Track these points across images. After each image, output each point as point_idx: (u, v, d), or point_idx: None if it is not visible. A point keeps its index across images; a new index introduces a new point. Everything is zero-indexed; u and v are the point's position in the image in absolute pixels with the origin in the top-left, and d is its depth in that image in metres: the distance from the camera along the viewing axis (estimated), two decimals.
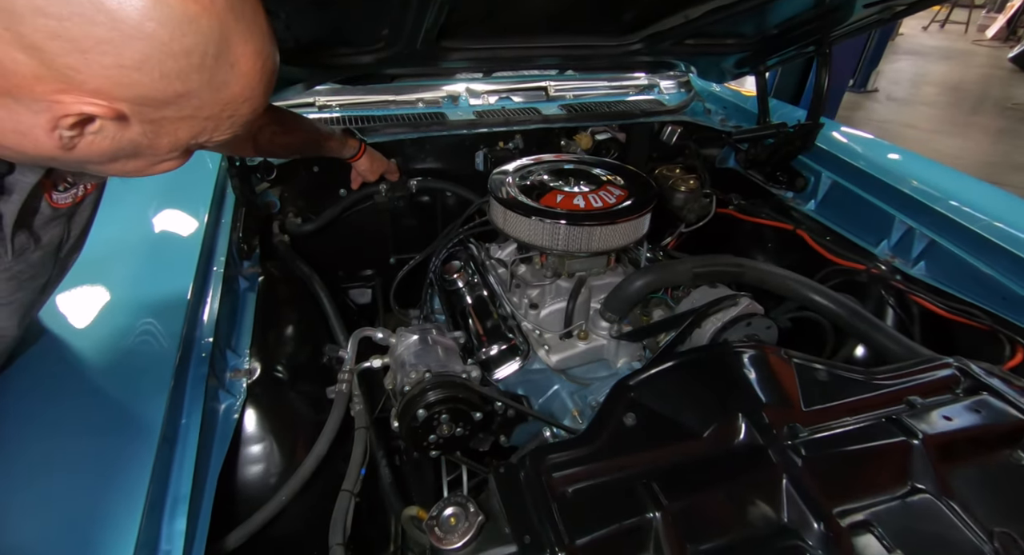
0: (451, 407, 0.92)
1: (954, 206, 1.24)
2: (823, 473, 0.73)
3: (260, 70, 0.52)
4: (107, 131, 0.49)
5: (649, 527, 0.67)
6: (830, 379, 0.88)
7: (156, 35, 0.44)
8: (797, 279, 1.13)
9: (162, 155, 0.56)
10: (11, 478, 0.61)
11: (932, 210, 1.26)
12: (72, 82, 0.45)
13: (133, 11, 0.43)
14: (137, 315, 0.83)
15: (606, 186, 1.28)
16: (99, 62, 0.44)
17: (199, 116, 0.51)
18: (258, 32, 0.51)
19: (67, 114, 0.46)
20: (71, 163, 0.56)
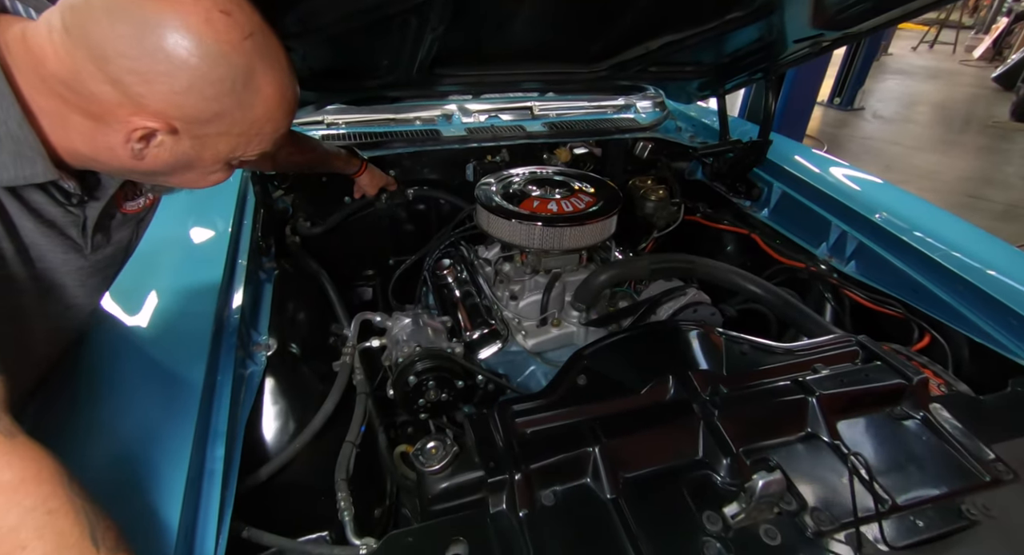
0: (437, 375, 1.10)
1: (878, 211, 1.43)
2: (735, 421, 0.91)
3: (280, 96, 0.67)
4: (166, 144, 0.66)
5: (589, 458, 0.84)
6: (752, 351, 1.06)
7: (198, 67, 0.59)
8: (738, 273, 1.31)
9: (209, 167, 0.73)
10: (97, 413, 0.79)
11: (860, 216, 1.45)
12: (141, 105, 0.60)
13: (183, 50, 0.58)
14: (180, 299, 1.01)
15: (577, 193, 1.47)
16: (159, 89, 0.60)
17: (232, 132, 0.67)
18: (278, 67, 0.66)
19: (136, 128, 0.62)
20: (144, 174, 0.73)
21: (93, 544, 0.54)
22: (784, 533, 0.78)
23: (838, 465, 0.88)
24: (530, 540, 0.75)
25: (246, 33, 0.62)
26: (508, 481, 0.79)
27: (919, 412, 0.97)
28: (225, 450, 0.82)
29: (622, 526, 0.78)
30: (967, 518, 0.80)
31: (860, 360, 1.06)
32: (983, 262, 1.24)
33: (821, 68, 3.45)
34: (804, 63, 1.52)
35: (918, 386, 0.98)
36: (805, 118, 3.54)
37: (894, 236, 1.35)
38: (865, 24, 1.25)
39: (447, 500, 0.82)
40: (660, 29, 1.34)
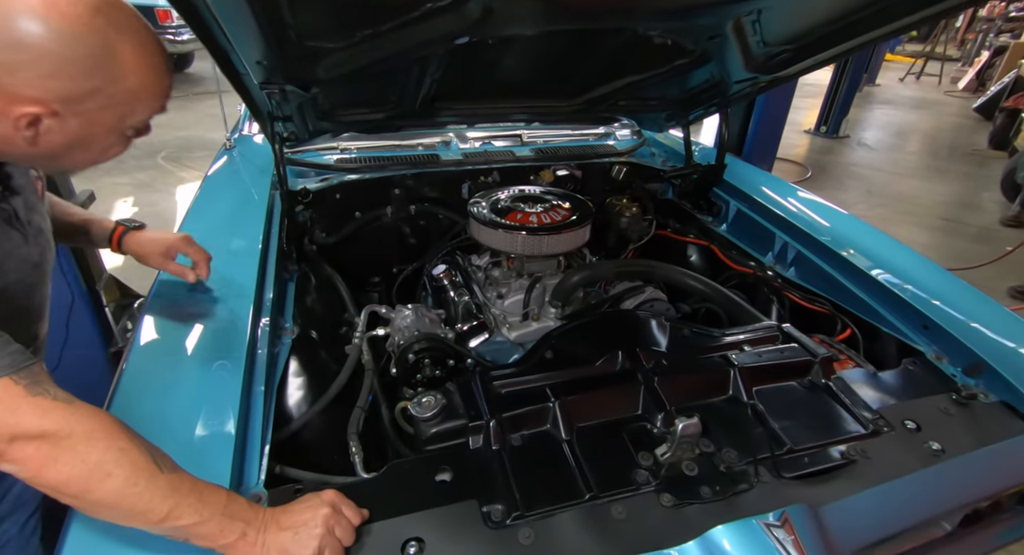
0: (432, 355, 1.33)
1: (814, 224, 1.68)
2: (670, 386, 1.13)
3: (146, 62, 0.69)
4: (54, 127, 0.67)
5: (549, 411, 1.06)
6: (692, 334, 1.29)
7: (57, 50, 0.63)
8: (690, 275, 1.54)
9: (103, 141, 0.74)
10: (163, 375, 1.02)
11: (798, 229, 1.69)
12: (15, 95, 0.63)
13: (37, 36, 0.62)
14: (225, 291, 1.25)
15: (555, 208, 1.71)
16: (27, 77, 0.63)
17: (113, 104, 0.69)
18: (136, 34, 0.69)
19: (19, 116, 0.65)
20: (47, 158, 0.74)
21: (157, 467, 0.69)
22: (701, 467, 0.99)
23: (750, 419, 1.10)
24: (500, 467, 0.96)
25: (94, 9, 0.65)
26: (485, 425, 1.01)
27: (822, 381, 1.19)
28: (264, 405, 1.04)
29: (573, 460, 0.99)
30: (847, 458, 1.02)
31: (779, 342, 1.28)
32: (893, 266, 1.48)
33: (786, 100, 3.75)
34: (752, 97, 1.79)
35: (822, 362, 1.20)
36: (774, 143, 3.83)
37: (824, 246, 1.59)
38: (791, 69, 1.51)
39: (436, 442, 1.04)
40: (623, 71, 1.61)
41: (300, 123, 1.53)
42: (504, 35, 1.16)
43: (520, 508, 0.90)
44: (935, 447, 1.04)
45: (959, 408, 1.14)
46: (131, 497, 0.66)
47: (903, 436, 1.07)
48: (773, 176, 2.07)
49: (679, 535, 0.86)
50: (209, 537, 0.71)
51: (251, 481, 0.91)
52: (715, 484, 0.96)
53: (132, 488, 0.66)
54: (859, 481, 0.98)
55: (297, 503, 0.80)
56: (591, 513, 0.91)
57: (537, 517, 0.89)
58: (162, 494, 0.67)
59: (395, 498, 0.91)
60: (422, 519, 0.88)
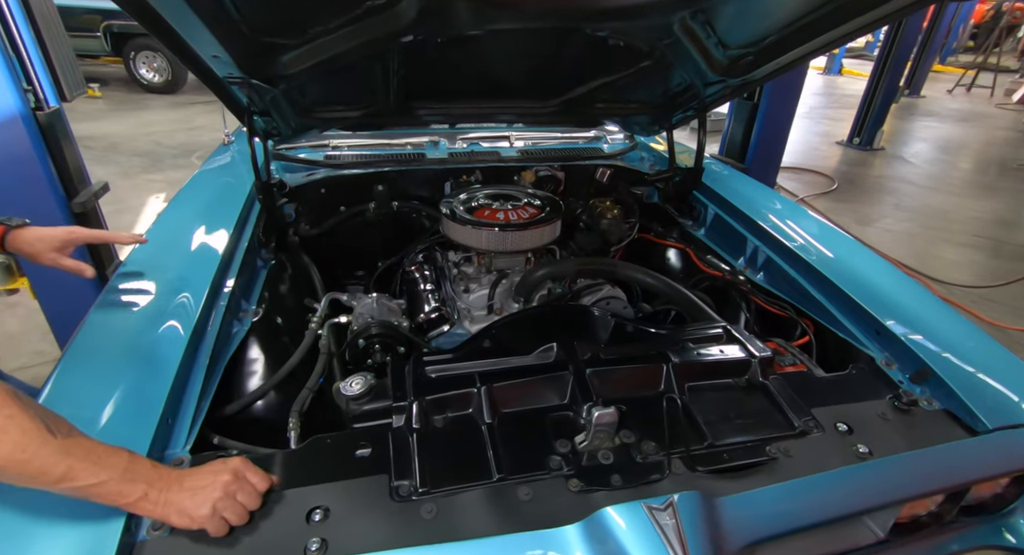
0: (382, 341, 1.38)
1: (783, 231, 1.66)
2: (602, 378, 1.14)
3: None
4: None
5: (473, 396, 1.09)
6: (635, 330, 1.29)
7: None
8: (652, 275, 1.55)
9: None
10: (109, 346, 1.10)
11: (768, 234, 1.67)
12: None
13: None
14: (185, 275, 1.33)
15: (525, 206, 1.75)
16: None
17: None
18: None
19: None
20: None
21: (49, 432, 0.70)
22: (617, 457, 1.00)
23: (677, 414, 1.10)
24: (416, 446, 1.00)
25: None
26: (408, 407, 1.05)
27: (759, 381, 1.17)
28: (205, 378, 1.11)
29: (490, 443, 1.02)
30: (768, 456, 1.01)
31: (723, 342, 1.27)
32: (856, 272, 1.45)
33: (790, 107, 3.66)
34: (726, 102, 1.78)
35: (762, 362, 1.19)
36: (778, 151, 3.74)
37: (792, 251, 1.57)
38: (758, 72, 1.51)
39: (363, 420, 1.08)
40: (592, 73, 1.64)
41: (280, 118, 1.61)
42: (451, 34, 1.20)
43: (427, 485, 0.93)
44: (862, 450, 1.02)
45: (898, 414, 1.11)
46: (20, 462, 0.68)
47: (831, 437, 1.05)
48: (754, 181, 2.05)
49: (573, 516, 0.87)
50: (109, 497, 0.76)
51: (178, 446, 0.97)
52: (627, 474, 0.97)
53: (20, 454, 0.68)
54: (771, 477, 0.97)
55: (202, 467, 0.86)
56: (497, 493, 0.93)
57: (443, 494, 0.92)
58: (55, 459, 0.70)
59: (312, 469, 0.96)
60: (332, 489, 0.92)
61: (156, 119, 7.22)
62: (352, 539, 0.85)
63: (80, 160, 2.35)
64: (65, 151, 2.20)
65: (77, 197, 2.24)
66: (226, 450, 1.02)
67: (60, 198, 2.17)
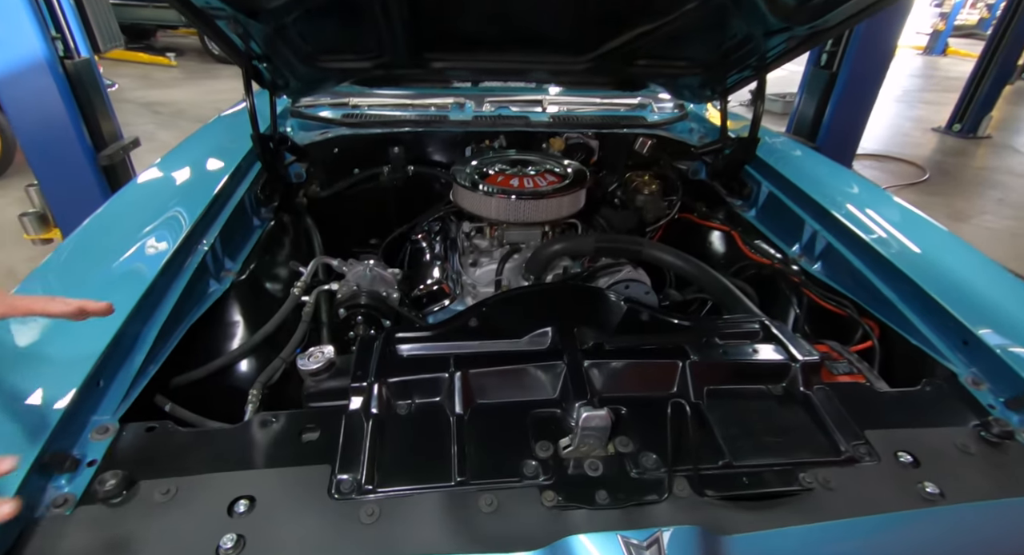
0: (366, 313, 1.24)
1: (852, 214, 1.38)
2: (602, 373, 0.96)
3: None
4: None
5: (445, 381, 0.93)
6: (651, 319, 1.09)
7: None
8: (684, 258, 1.32)
9: None
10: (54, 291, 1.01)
11: (832, 217, 1.39)
12: None
13: None
14: (157, 228, 1.23)
15: (544, 174, 1.55)
16: None
17: None
18: None
19: None
20: None
21: None
22: (607, 468, 0.82)
23: (689, 422, 0.89)
24: (370, 435, 0.85)
25: None
26: (367, 388, 0.90)
27: (800, 391, 0.95)
28: (158, 337, 1.00)
29: (456, 439, 0.86)
30: (802, 485, 0.79)
31: (759, 340, 1.05)
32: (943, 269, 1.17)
33: (875, 82, 3.17)
34: (790, 59, 1.50)
35: (805, 368, 0.96)
36: (856, 133, 3.27)
37: (859, 239, 1.30)
38: (831, 16, 1.23)
39: (318, 400, 0.95)
40: (630, 20, 1.41)
41: (284, 67, 1.49)
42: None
43: (374, 482, 0.78)
44: (930, 490, 0.78)
45: (984, 447, 0.85)
46: None
47: (889, 469, 0.82)
48: (819, 156, 1.75)
49: (539, 538, 0.70)
50: None
51: (108, 411, 0.87)
52: (618, 490, 0.79)
53: None
54: (803, 514, 0.76)
55: None
56: (454, 500, 0.77)
57: (389, 495, 0.77)
58: None
59: (248, 451, 0.83)
60: (263, 478, 0.79)
61: (223, 88, 7.47)
62: (273, 540, 0.71)
63: (112, 114, 2.34)
64: (95, 102, 2.19)
65: (105, 150, 2.23)
66: (182, 421, 0.91)
67: (88, 150, 2.17)
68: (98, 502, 0.75)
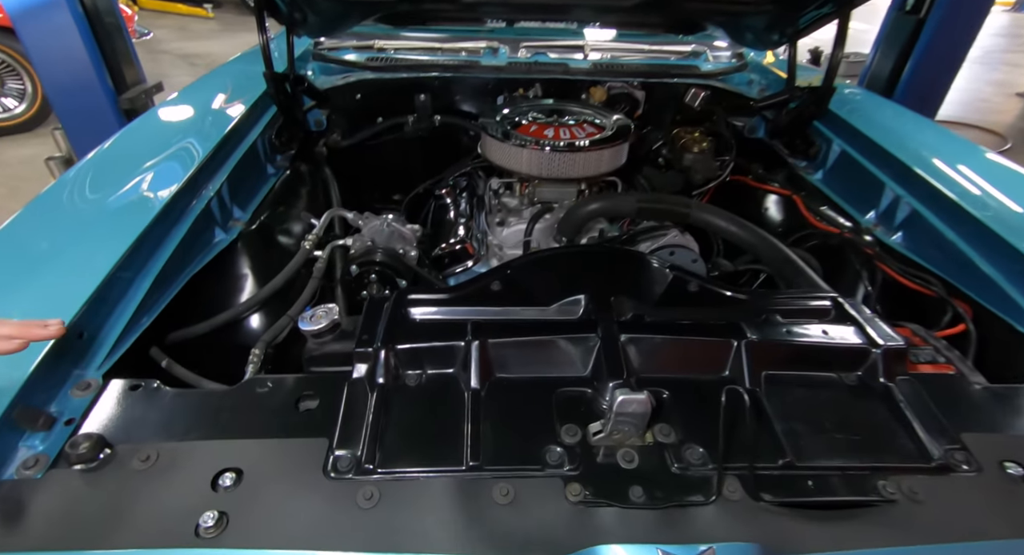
0: (380, 271, 1.13)
1: (946, 176, 1.17)
2: (641, 349, 0.82)
3: None
4: None
5: (460, 351, 0.81)
6: (701, 290, 0.94)
7: None
8: (738, 222, 1.16)
9: None
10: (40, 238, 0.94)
11: (920, 179, 1.19)
12: None
13: None
14: (166, 157, 1.14)
15: (582, 125, 1.39)
16: None
17: None
18: None
19: None
20: None
21: None
22: (644, 461, 0.70)
23: (745, 411, 0.76)
24: (373, 407, 0.75)
25: None
26: (372, 354, 0.80)
27: (880, 382, 0.80)
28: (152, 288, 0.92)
29: (470, 417, 0.75)
30: (881, 496, 0.66)
31: (831, 319, 0.89)
32: None
33: (967, 36, 2.75)
34: None
35: (887, 355, 0.80)
36: (939, 92, 2.88)
37: (954, 205, 1.10)
38: None
39: (320, 364, 0.85)
40: None
41: None
42: None
43: (375, 460, 0.69)
44: None
45: None
46: None
47: (994, 483, 0.67)
48: (904, 109, 1.52)
49: (561, 541, 0.60)
50: None
51: (91, 366, 0.80)
52: (656, 487, 0.67)
53: None
54: (886, 532, 0.62)
55: None
56: (465, 488, 0.67)
57: (391, 477, 0.67)
58: None
59: (239, 418, 0.74)
60: (254, 449, 0.70)
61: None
62: (258, 520, 0.63)
63: (135, 58, 2.27)
64: (116, 44, 2.10)
65: (126, 93, 2.17)
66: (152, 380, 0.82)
67: (109, 92, 2.10)
68: (71, 466, 0.67)
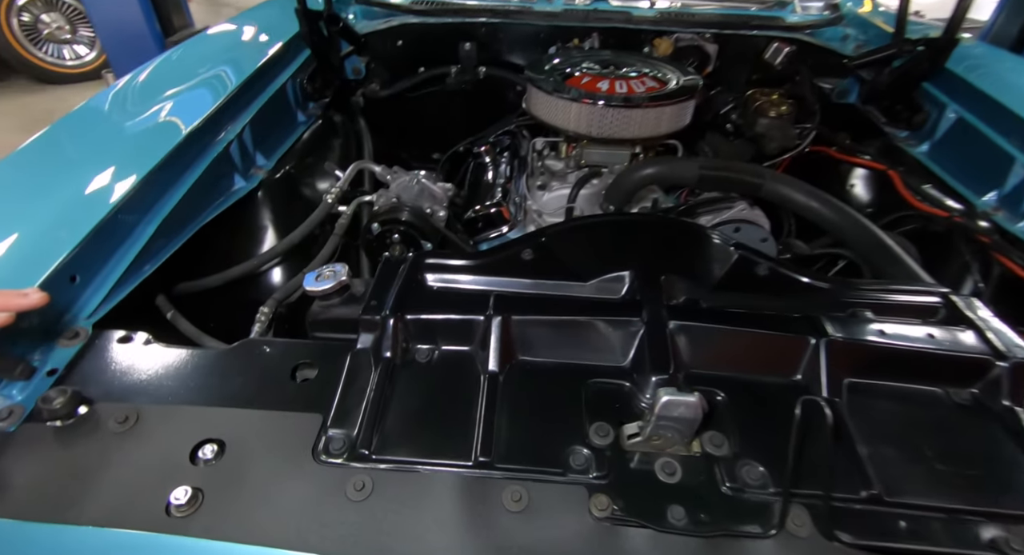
0: (404, 231, 1.02)
1: None
2: (694, 340, 0.69)
3: None
4: None
5: (480, 326, 0.70)
6: (772, 274, 0.78)
7: None
8: (822, 197, 0.97)
9: None
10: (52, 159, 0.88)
11: None
12: None
13: None
14: (188, 93, 1.06)
15: (642, 78, 1.21)
16: None
17: None
18: None
19: None
20: None
21: None
22: (688, 475, 0.58)
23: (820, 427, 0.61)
24: (376, 384, 0.66)
25: None
26: (380, 323, 0.70)
27: (1000, 404, 0.63)
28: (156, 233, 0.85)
29: (484, 404, 0.64)
30: (994, 547, 0.51)
31: (939, 320, 0.72)
32: None
33: None
34: None
35: (1016, 371, 0.63)
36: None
37: None
38: None
39: (326, 329, 0.76)
40: None
41: None
42: None
43: (371, 445, 0.60)
44: None
45: None
46: None
47: None
48: None
49: None
50: None
51: (81, 314, 0.74)
52: (702, 509, 0.55)
53: None
54: None
55: None
56: (470, 488, 0.57)
57: (388, 467, 0.58)
58: None
59: (228, 385, 0.67)
60: (240, 419, 0.63)
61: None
62: (234, 502, 0.55)
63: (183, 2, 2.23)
64: None
65: (172, 36, 2.15)
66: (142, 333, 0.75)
67: (156, 35, 2.08)
68: (45, 422, 0.62)
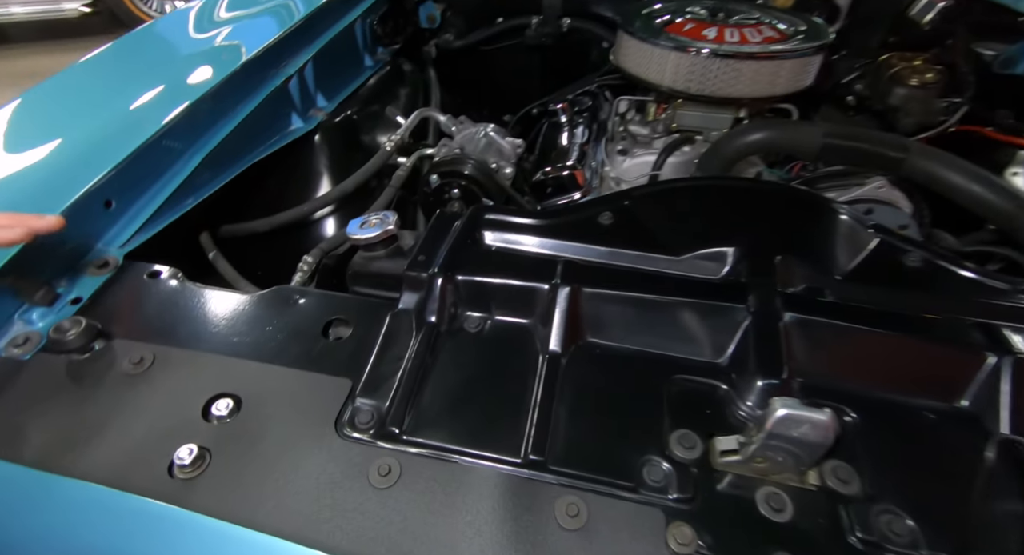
0: (465, 186, 0.91)
1: None
2: (815, 342, 0.53)
3: None
4: None
5: (543, 296, 0.58)
6: (925, 266, 0.60)
7: None
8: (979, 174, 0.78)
9: None
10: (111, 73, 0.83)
11: None
12: None
13: None
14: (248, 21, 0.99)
15: (758, 26, 1.02)
16: None
17: None
18: None
19: None
20: None
21: None
22: (802, 513, 0.44)
23: (994, 471, 0.45)
24: (415, 352, 0.55)
25: None
26: (427, 281, 0.59)
27: None
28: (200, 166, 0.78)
29: (541, 393, 0.52)
30: None
31: None
32: None
33: None
34: None
35: None
36: None
37: None
38: None
39: (366, 284, 0.66)
40: None
41: None
42: None
43: (403, 423, 0.50)
44: None
45: None
46: None
47: None
48: None
49: None
50: None
51: (114, 242, 0.68)
52: None
53: None
54: None
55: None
56: (517, 491, 0.46)
57: (420, 452, 0.48)
58: None
59: (252, 335, 0.59)
60: (261, 375, 0.55)
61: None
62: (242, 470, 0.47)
63: None
64: None
65: None
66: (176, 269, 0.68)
67: None
68: (59, 354, 0.56)
